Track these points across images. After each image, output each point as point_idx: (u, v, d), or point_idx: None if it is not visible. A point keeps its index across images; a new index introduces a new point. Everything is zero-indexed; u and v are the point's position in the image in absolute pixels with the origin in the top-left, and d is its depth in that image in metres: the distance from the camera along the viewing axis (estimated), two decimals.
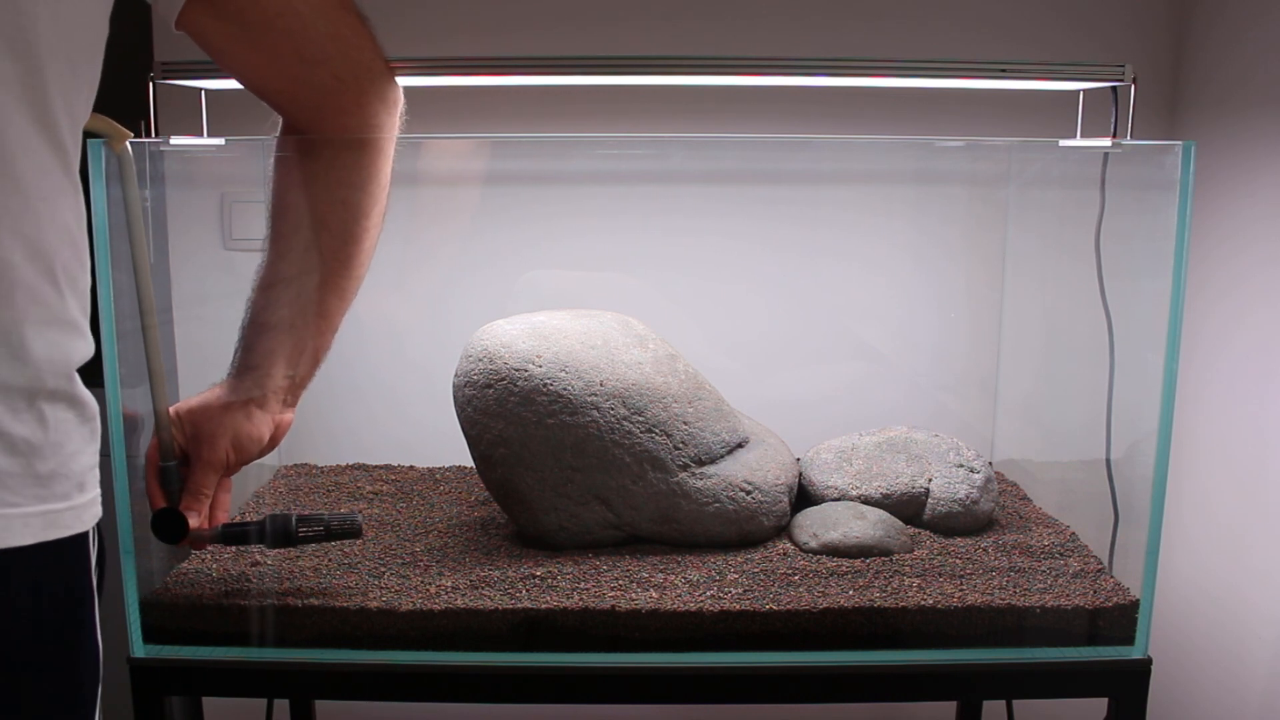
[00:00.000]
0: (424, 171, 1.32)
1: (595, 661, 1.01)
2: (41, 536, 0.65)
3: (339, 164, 0.93)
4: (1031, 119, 1.43)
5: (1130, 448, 1.18)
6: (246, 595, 1.04)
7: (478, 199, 1.43)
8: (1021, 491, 1.35)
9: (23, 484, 0.64)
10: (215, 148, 1.18)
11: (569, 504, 1.11)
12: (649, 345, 1.18)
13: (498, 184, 1.45)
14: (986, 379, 1.46)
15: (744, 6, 1.47)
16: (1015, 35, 1.48)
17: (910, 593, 1.04)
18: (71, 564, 0.69)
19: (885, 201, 1.50)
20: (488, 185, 1.44)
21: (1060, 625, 1.03)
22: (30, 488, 0.64)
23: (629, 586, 1.05)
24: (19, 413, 0.63)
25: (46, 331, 0.64)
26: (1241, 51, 1.36)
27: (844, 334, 1.49)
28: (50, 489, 0.66)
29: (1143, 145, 1.14)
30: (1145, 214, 1.13)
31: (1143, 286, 1.13)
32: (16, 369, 0.63)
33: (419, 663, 1.01)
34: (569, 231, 1.46)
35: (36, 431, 0.64)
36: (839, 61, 1.10)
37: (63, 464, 0.67)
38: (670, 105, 1.46)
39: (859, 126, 1.49)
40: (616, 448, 1.10)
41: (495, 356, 1.12)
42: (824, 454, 1.27)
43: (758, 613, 1.02)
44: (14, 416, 0.63)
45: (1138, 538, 1.05)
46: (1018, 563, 1.11)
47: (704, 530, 1.13)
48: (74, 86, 0.66)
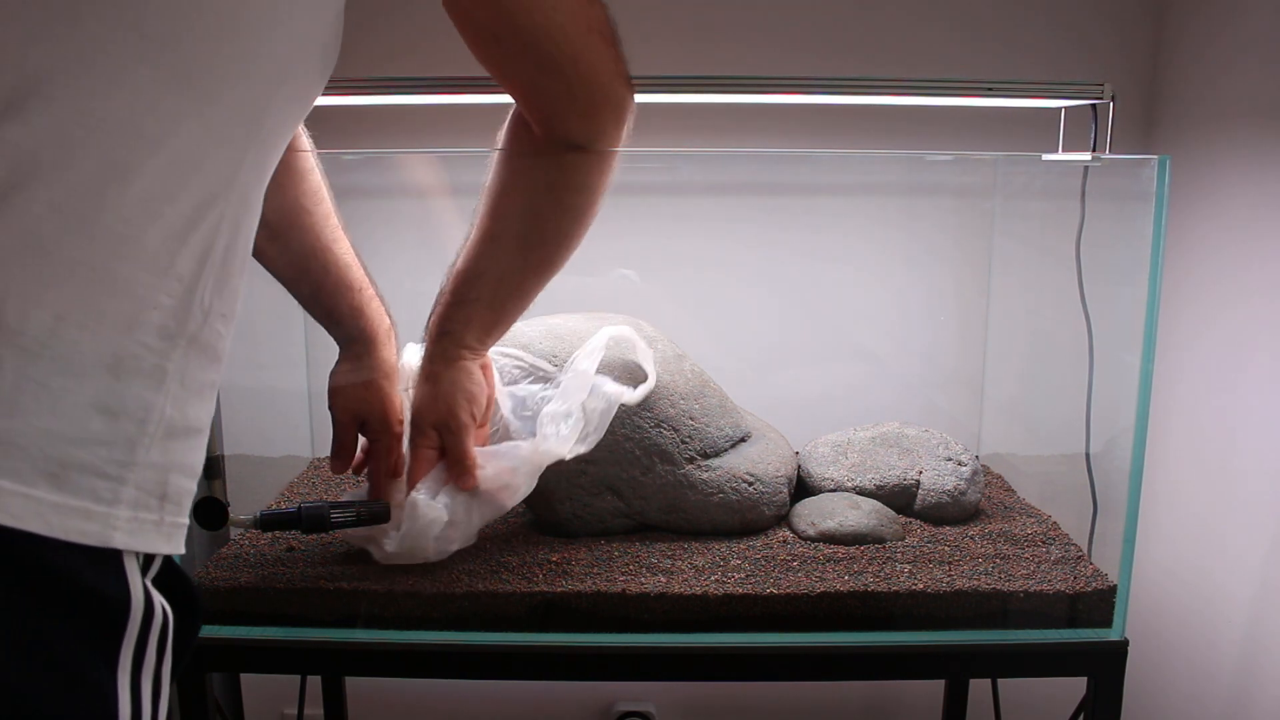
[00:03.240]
0: (454, 183, 1.32)
1: (606, 642, 1.02)
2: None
3: (563, 167, 0.90)
4: (1016, 134, 1.43)
5: (1108, 442, 1.17)
6: (281, 579, 1.04)
7: None
8: (1006, 483, 1.34)
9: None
10: None
11: (582, 494, 1.11)
12: (657, 346, 1.18)
13: None
14: (973, 378, 1.46)
15: (748, 32, 1.47)
16: (1001, 55, 1.48)
17: (902, 578, 1.04)
18: (46, 577, 0.49)
19: (879, 211, 1.49)
20: None
21: (1042, 609, 1.03)
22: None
23: (639, 571, 1.05)
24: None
25: (41, 263, 0.50)
26: (1213, 72, 1.36)
27: (840, 336, 1.48)
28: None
29: (1120, 159, 1.14)
30: (1123, 223, 1.13)
31: (1120, 291, 1.13)
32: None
33: (442, 642, 1.01)
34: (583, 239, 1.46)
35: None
36: (836, 81, 1.10)
37: (24, 433, 0.48)
38: (678, 122, 1.46)
39: (855, 141, 1.49)
40: (627, 442, 1.10)
41: (515, 356, 1.12)
42: (821, 448, 1.26)
43: (759, 596, 1.02)
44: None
45: (1115, 527, 1.05)
46: (1002, 550, 1.10)
47: (709, 519, 1.13)
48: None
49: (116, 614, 0.52)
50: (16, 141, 0.48)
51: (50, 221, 0.48)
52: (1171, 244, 1.40)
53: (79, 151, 0.50)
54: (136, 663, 0.54)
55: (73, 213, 0.49)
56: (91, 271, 0.50)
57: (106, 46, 0.50)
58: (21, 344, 0.48)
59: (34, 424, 0.48)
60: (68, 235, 0.49)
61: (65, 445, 0.49)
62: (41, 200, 0.48)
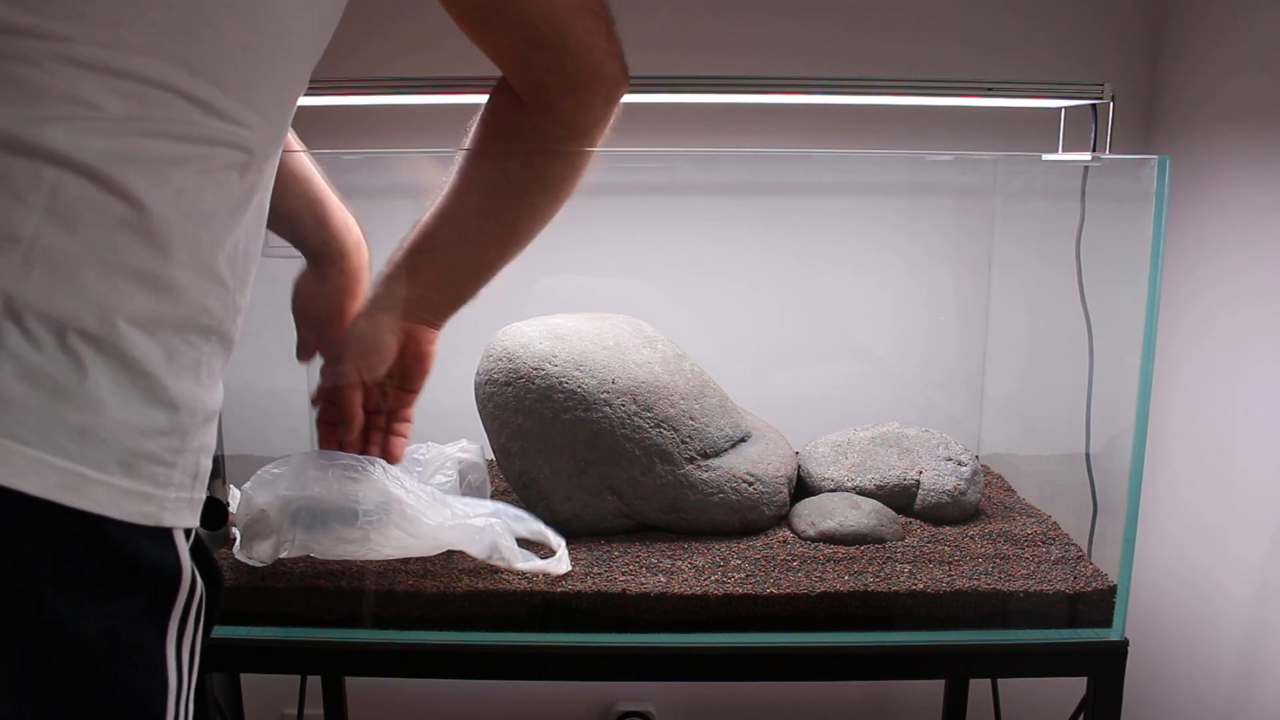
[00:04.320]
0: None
1: (607, 641, 1.02)
2: (58, 496, 0.51)
3: (542, 131, 0.89)
4: (1016, 134, 1.43)
5: (1108, 442, 1.17)
6: (281, 579, 1.04)
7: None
8: (1006, 483, 1.34)
9: (44, 426, 0.51)
10: None
11: (583, 494, 1.11)
12: (658, 346, 1.18)
13: None
14: (973, 378, 1.45)
15: (749, 32, 1.47)
16: (1002, 55, 1.48)
17: (902, 578, 1.04)
18: (118, 559, 0.55)
19: (879, 211, 1.49)
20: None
21: (1042, 609, 1.03)
22: (55, 435, 0.52)
23: (639, 571, 1.05)
24: (43, 344, 0.51)
25: (113, 276, 0.54)
26: (1213, 72, 1.36)
27: (840, 335, 1.48)
28: (84, 449, 0.53)
29: (1120, 159, 1.14)
30: (1123, 223, 1.13)
31: (1120, 291, 1.13)
32: (54, 297, 0.52)
33: (442, 642, 1.01)
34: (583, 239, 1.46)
35: (67, 373, 0.52)
36: (836, 81, 1.10)
37: (105, 427, 0.53)
38: (679, 122, 1.46)
39: (855, 141, 1.49)
40: (627, 442, 1.10)
41: (514, 356, 1.12)
42: (821, 448, 1.26)
43: (759, 596, 1.02)
44: (36, 347, 0.51)
45: (1115, 526, 1.05)
46: (1002, 550, 1.10)
47: (709, 519, 1.13)
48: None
49: (170, 587, 0.58)
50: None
51: (122, 235, 0.54)
52: (1171, 244, 1.40)
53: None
54: (179, 632, 0.59)
55: (139, 225, 0.54)
56: (157, 280, 0.56)
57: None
58: (103, 348, 0.53)
59: (114, 419, 0.54)
60: (140, 246, 0.55)
61: (137, 437, 0.55)
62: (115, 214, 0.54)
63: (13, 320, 0.51)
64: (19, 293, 0.51)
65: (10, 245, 0.50)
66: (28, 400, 0.51)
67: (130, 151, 0.54)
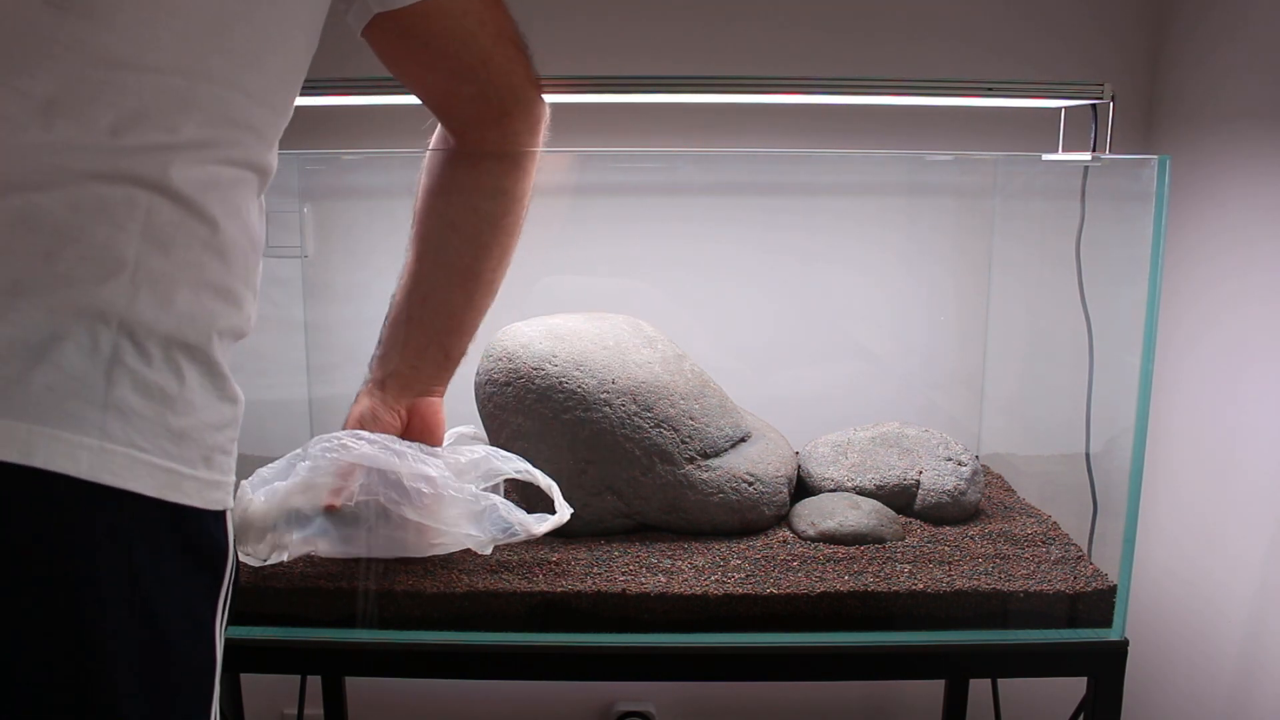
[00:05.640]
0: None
1: (606, 642, 1.02)
2: (163, 493, 0.58)
3: (476, 172, 0.94)
4: (1016, 134, 1.43)
5: (1108, 442, 1.17)
6: (282, 579, 1.04)
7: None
8: (1006, 483, 1.34)
9: (154, 432, 0.58)
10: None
11: (583, 494, 1.11)
12: (658, 346, 1.18)
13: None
14: (973, 378, 1.45)
15: (748, 31, 1.47)
16: (1002, 55, 1.48)
17: (902, 578, 1.04)
18: (195, 541, 0.62)
19: (879, 212, 1.49)
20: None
21: (1042, 609, 1.03)
22: (160, 439, 0.58)
23: (639, 571, 1.05)
24: (153, 359, 0.58)
25: (200, 292, 0.62)
26: (1213, 72, 1.36)
27: (840, 335, 1.48)
28: (180, 449, 0.60)
29: (1120, 159, 1.14)
30: (1123, 223, 1.13)
31: (1120, 291, 1.13)
32: (160, 315, 0.58)
33: (442, 642, 1.01)
34: (583, 239, 1.46)
35: (171, 383, 0.59)
36: (836, 81, 1.10)
37: (195, 427, 0.61)
38: (678, 122, 1.46)
39: (855, 141, 1.49)
40: (627, 442, 1.10)
41: (514, 356, 1.12)
42: (821, 448, 1.26)
43: (759, 596, 1.02)
44: (147, 362, 0.58)
45: (1115, 526, 1.05)
46: (1002, 550, 1.10)
47: (709, 519, 1.13)
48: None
49: (221, 564, 0.64)
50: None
51: (205, 254, 0.61)
52: (1171, 244, 1.40)
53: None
54: (224, 611, 0.65)
55: (216, 244, 0.62)
56: (229, 293, 0.64)
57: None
58: (197, 358, 0.61)
59: (201, 419, 0.62)
60: (217, 263, 0.62)
61: (214, 432, 0.63)
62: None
63: (128, 338, 0.57)
64: (131, 314, 0.57)
65: (118, 267, 0.57)
66: (143, 410, 0.58)
67: (209, 177, 0.61)
